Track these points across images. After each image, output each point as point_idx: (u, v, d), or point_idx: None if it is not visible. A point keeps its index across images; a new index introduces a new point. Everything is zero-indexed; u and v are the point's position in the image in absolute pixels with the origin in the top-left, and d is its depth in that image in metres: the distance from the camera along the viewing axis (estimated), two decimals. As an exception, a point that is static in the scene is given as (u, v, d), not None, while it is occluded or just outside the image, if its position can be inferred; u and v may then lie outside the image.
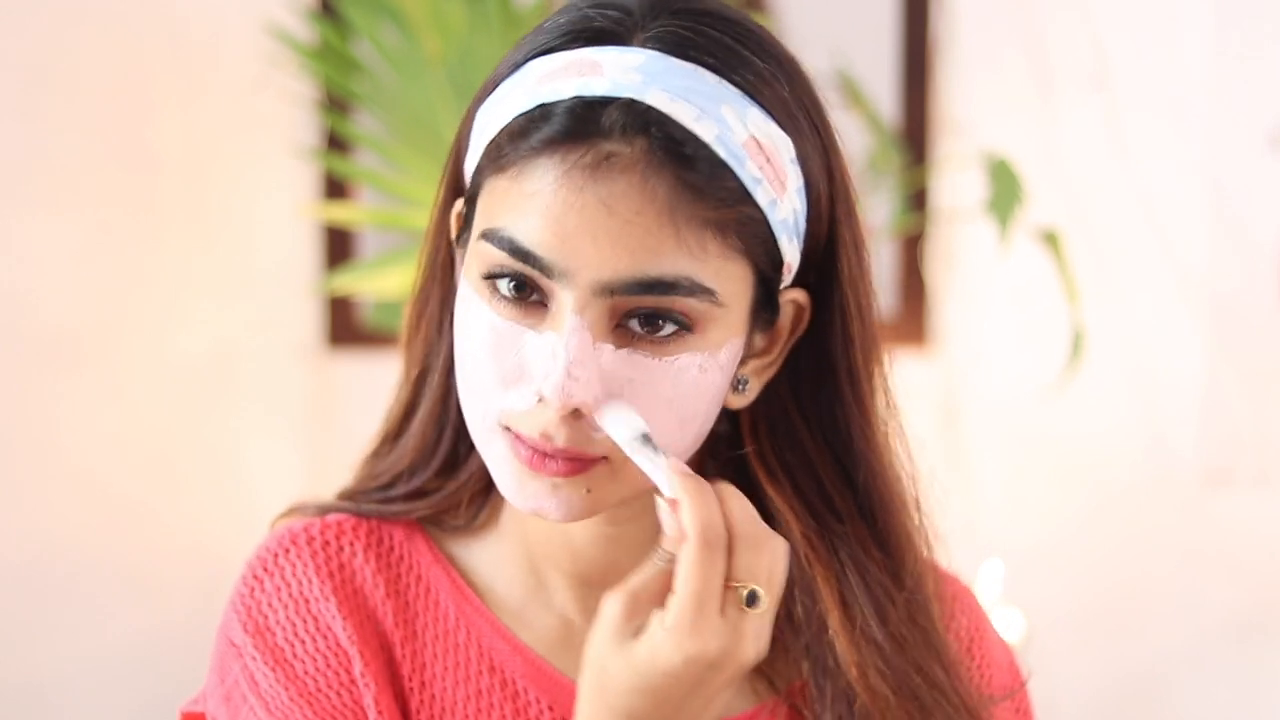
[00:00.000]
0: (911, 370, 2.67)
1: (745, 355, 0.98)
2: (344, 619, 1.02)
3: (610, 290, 0.91)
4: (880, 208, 2.70)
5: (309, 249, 2.66)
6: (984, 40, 2.72)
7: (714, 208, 0.92)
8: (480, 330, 0.94)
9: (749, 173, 0.93)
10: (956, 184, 2.69)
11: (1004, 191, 2.30)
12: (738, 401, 0.99)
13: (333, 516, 1.07)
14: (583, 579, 1.04)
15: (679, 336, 0.93)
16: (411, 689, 1.03)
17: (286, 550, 1.05)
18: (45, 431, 2.59)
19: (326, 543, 1.05)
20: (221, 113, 2.59)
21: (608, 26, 0.95)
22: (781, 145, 0.95)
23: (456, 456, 1.06)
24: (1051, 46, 2.70)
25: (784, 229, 0.95)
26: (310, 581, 1.03)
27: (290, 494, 1.16)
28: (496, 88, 0.97)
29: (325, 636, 1.02)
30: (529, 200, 0.92)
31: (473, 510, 1.07)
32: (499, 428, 0.95)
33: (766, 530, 0.88)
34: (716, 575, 0.86)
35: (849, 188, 1.00)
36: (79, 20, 2.55)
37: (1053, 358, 2.51)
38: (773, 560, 0.88)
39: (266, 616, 1.03)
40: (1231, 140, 2.71)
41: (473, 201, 0.97)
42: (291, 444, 2.66)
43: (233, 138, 2.61)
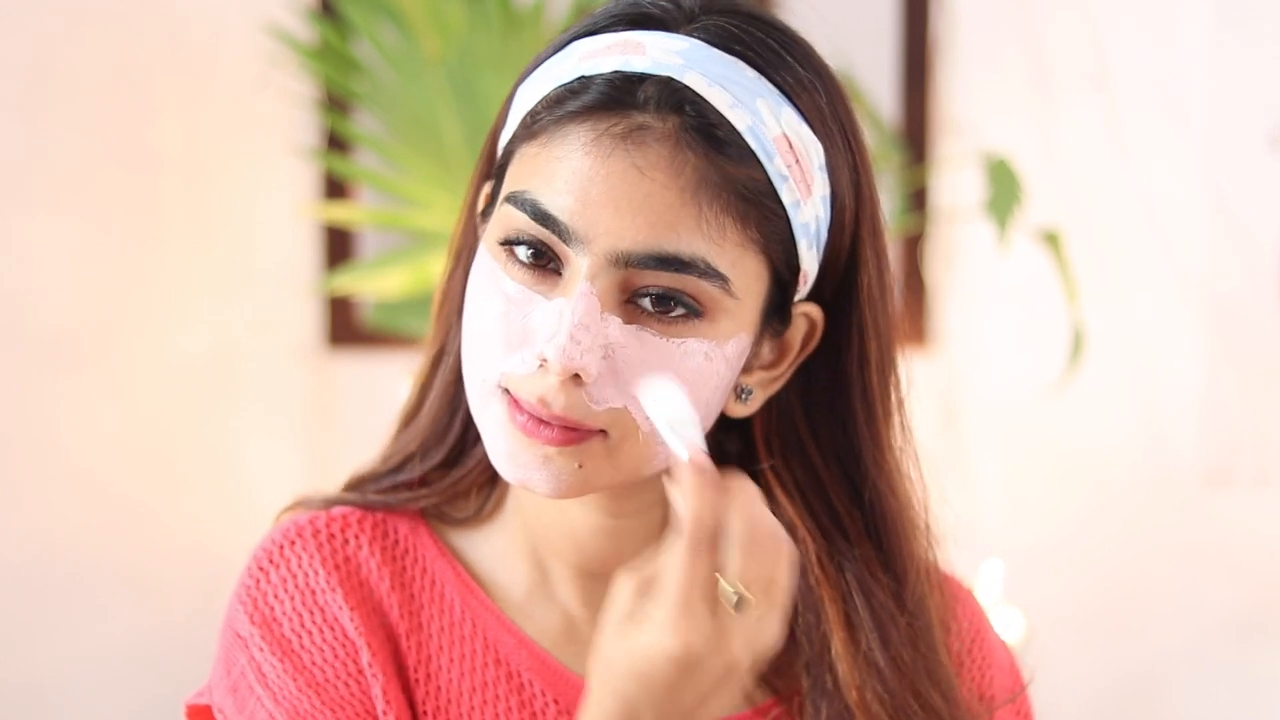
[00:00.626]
0: (911, 370, 2.66)
1: (752, 364, 0.98)
2: (350, 610, 1.02)
3: (625, 261, 0.91)
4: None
5: (309, 249, 2.66)
6: (984, 40, 2.72)
7: (738, 194, 0.92)
8: (491, 294, 0.95)
9: (777, 168, 0.93)
10: (956, 184, 2.69)
11: (1003, 192, 2.30)
12: (740, 410, 0.99)
13: (337, 510, 1.07)
14: (586, 571, 1.04)
15: (688, 320, 0.93)
16: (417, 680, 1.03)
17: (292, 542, 1.05)
18: (45, 431, 2.59)
19: (332, 535, 1.05)
20: (221, 113, 2.59)
21: (656, 13, 0.96)
22: (812, 149, 0.95)
23: (464, 443, 1.06)
24: (1051, 46, 2.70)
25: (804, 233, 0.95)
26: (316, 573, 1.03)
27: (290, 493, 1.16)
28: (539, 67, 0.98)
29: (332, 627, 1.02)
30: (556, 164, 0.93)
31: (478, 502, 1.07)
32: (498, 390, 0.94)
33: (774, 536, 0.86)
34: (702, 571, 0.84)
35: (876, 209, 1.00)
36: (79, 20, 2.55)
37: (1053, 358, 2.51)
38: (774, 567, 0.86)
39: (273, 607, 1.03)
40: (1231, 140, 2.71)
41: (502, 172, 0.98)
42: (291, 444, 2.66)
43: (233, 138, 2.61)
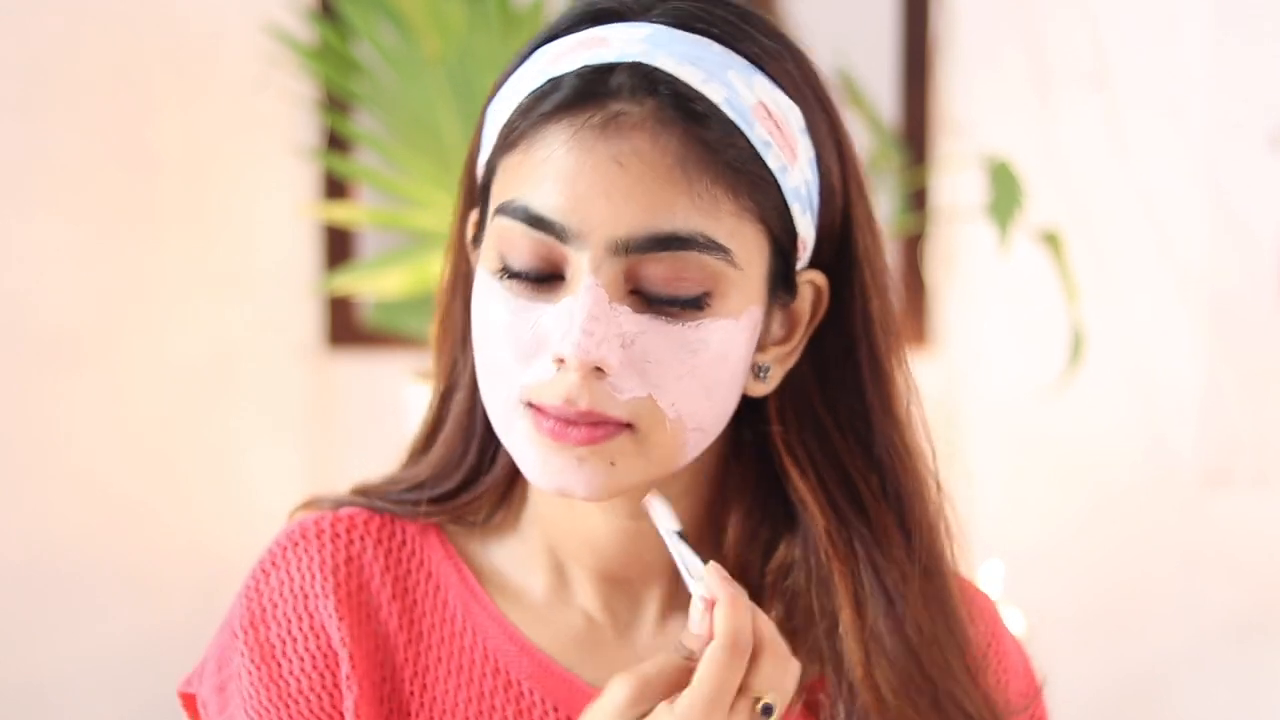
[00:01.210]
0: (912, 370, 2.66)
1: (765, 341, 0.98)
2: (339, 619, 1.02)
3: (625, 247, 0.91)
4: (880, 208, 2.70)
5: (309, 249, 2.66)
6: (984, 40, 2.72)
7: (726, 164, 0.92)
8: (496, 313, 0.94)
9: (759, 136, 0.93)
10: (956, 184, 2.69)
11: (1004, 194, 2.30)
12: (759, 389, 0.99)
13: (345, 510, 1.06)
14: (605, 574, 1.03)
15: (698, 303, 0.93)
16: (413, 692, 1.02)
17: (296, 544, 1.04)
18: (45, 431, 2.59)
19: (336, 535, 1.05)
20: (221, 113, 2.59)
21: (614, 7, 0.96)
22: (790, 114, 0.95)
23: (479, 470, 1.06)
24: (1051, 46, 2.70)
25: (796, 198, 0.95)
26: (314, 577, 1.03)
27: (290, 494, 1.16)
28: (505, 82, 0.98)
29: (318, 636, 1.02)
30: (541, 167, 0.92)
31: (493, 507, 1.07)
32: (521, 405, 0.94)
33: (787, 648, 0.90)
34: (735, 679, 0.87)
35: (859, 167, 1.00)
36: (79, 20, 2.55)
37: (1052, 358, 2.51)
38: (790, 677, 0.90)
39: (265, 610, 1.03)
40: (1231, 140, 2.71)
41: (486, 191, 0.97)
42: (291, 444, 2.66)
43: (233, 138, 2.61)
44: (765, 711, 0.88)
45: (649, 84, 0.92)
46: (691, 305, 0.92)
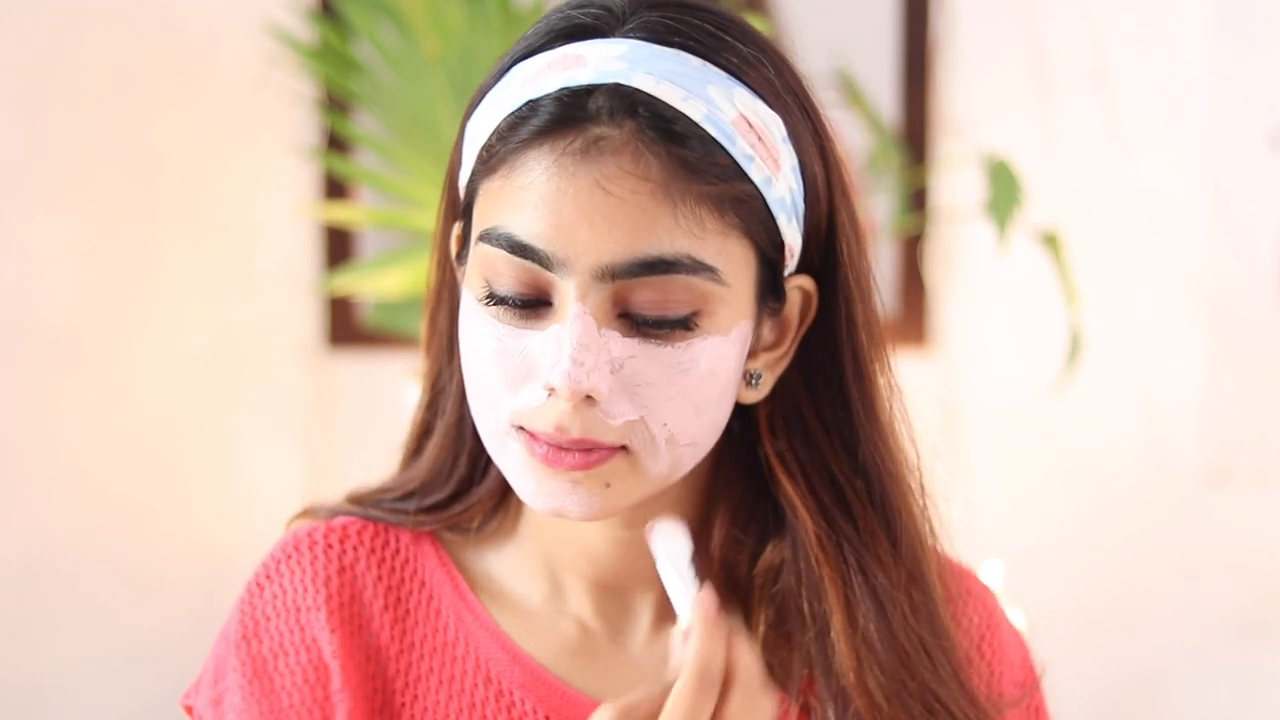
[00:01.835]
0: (911, 370, 2.66)
1: (756, 348, 0.98)
2: (331, 631, 1.02)
3: (611, 273, 0.90)
4: (880, 208, 2.70)
5: (309, 249, 2.66)
6: (984, 40, 2.72)
7: (709, 183, 0.91)
8: (484, 339, 0.94)
9: (741, 150, 0.92)
10: (956, 184, 2.69)
11: (1003, 194, 2.30)
12: (751, 396, 0.99)
13: (339, 520, 1.06)
14: (600, 583, 1.03)
15: (687, 323, 0.92)
16: (404, 703, 1.02)
17: (289, 557, 1.04)
18: (46, 431, 2.59)
19: (329, 547, 1.04)
20: (221, 113, 2.59)
21: (589, 22, 0.95)
22: (772, 124, 0.95)
23: (471, 480, 1.05)
24: (1051, 46, 2.70)
25: (782, 208, 0.95)
26: (306, 590, 1.03)
27: (290, 494, 1.16)
28: (484, 98, 0.97)
29: (310, 649, 1.02)
30: (522, 194, 0.92)
31: (488, 515, 1.06)
32: (512, 429, 0.94)
33: (764, 685, 0.89)
34: (703, 712, 0.85)
35: (843, 171, 1.00)
36: (79, 21, 2.55)
37: (1052, 358, 2.51)
38: (761, 714, 0.88)
39: (259, 624, 1.03)
40: (1231, 140, 2.71)
41: (469, 211, 0.97)
42: (291, 444, 2.66)
43: (233, 138, 2.61)
44: None
45: (628, 106, 0.91)
46: (680, 326, 0.92)
